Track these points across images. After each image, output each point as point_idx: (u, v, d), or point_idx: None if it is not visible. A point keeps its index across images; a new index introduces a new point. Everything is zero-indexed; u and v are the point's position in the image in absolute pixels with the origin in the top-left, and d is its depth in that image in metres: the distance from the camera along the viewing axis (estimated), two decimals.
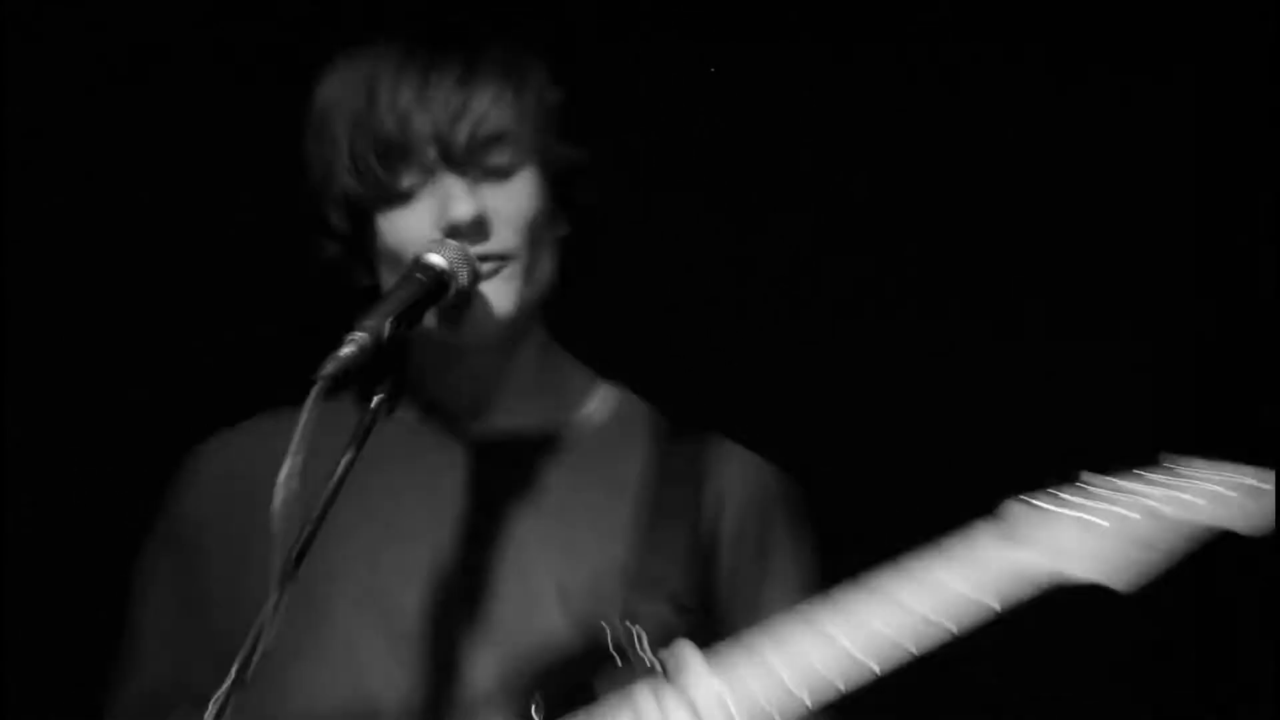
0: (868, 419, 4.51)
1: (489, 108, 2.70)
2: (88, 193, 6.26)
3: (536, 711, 2.69)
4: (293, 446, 2.33)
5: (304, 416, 2.36)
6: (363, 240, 2.80)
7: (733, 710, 2.50)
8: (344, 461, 2.48)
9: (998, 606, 2.54)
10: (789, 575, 2.92)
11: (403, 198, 2.74)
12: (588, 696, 2.66)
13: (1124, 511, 2.50)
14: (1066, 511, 2.53)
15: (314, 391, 2.44)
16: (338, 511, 2.52)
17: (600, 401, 3.04)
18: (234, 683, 2.32)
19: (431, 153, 2.67)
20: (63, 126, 6.20)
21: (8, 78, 6.07)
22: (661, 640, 2.67)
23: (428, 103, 2.68)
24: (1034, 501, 2.62)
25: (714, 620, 2.77)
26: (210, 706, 2.30)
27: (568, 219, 2.87)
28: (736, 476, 2.93)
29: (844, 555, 2.83)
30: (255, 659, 2.33)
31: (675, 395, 3.09)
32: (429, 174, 2.72)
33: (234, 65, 6.09)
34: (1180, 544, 2.52)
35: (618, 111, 3.58)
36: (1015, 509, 2.61)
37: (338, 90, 2.80)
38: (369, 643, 2.74)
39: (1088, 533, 2.50)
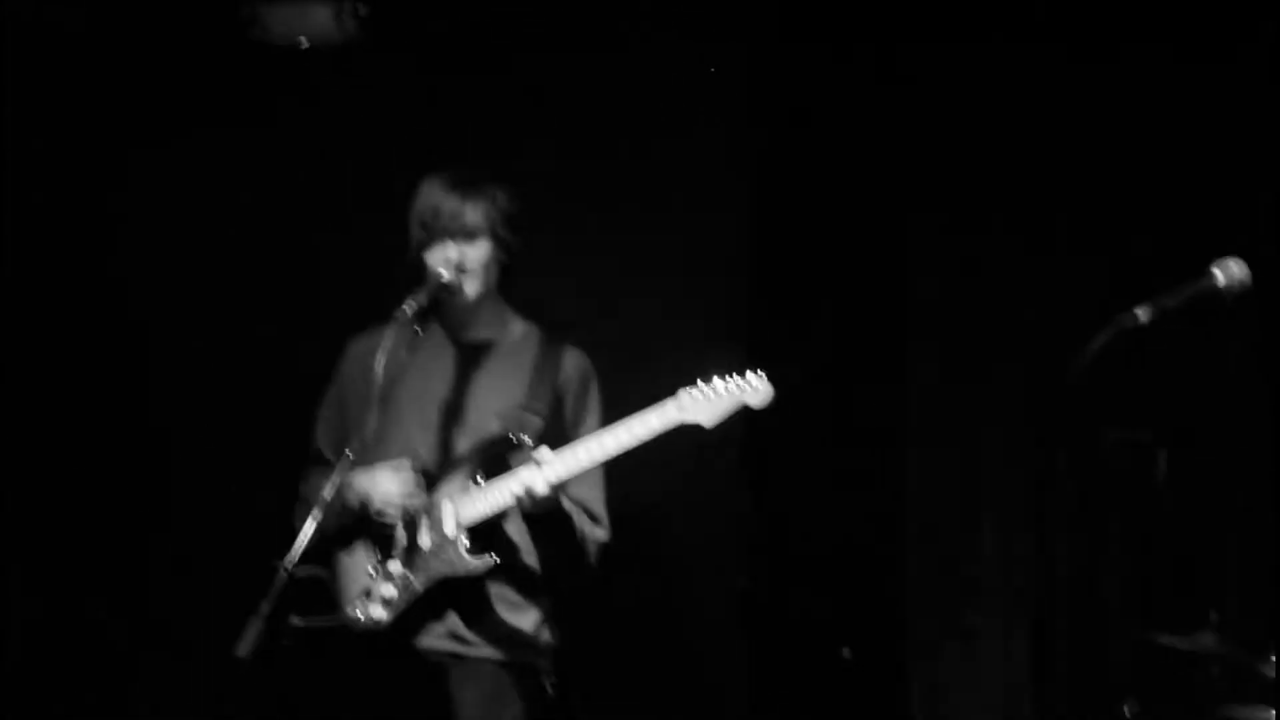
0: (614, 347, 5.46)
1: (470, 212, 4.94)
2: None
3: (479, 477, 4.80)
4: (383, 343, 4.69)
5: (389, 331, 4.73)
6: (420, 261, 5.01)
7: (556, 474, 4.67)
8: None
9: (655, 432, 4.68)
10: (593, 413, 5.00)
11: (430, 245, 4.97)
12: (503, 465, 4.81)
13: (713, 393, 4.64)
14: (695, 393, 4.67)
15: (395, 318, 4.76)
16: (404, 371, 4.84)
17: (520, 327, 5.11)
18: (345, 456, 4.61)
19: (443, 229, 4.95)
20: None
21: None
22: (536, 438, 4.81)
23: (442, 207, 4.97)
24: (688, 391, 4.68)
25: (561, 429, 4.92)
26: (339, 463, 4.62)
27: (506, 257, 5.02)
28: (573, 363, 5.03)
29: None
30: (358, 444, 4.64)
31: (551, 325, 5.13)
32: (444, 238, 4.97)
33: None
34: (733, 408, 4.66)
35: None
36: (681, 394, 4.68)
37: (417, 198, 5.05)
38: (415, 430, 4.96)
39: (698, 403, 4.64)
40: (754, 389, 4.65)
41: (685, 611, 6.25)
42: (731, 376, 4.66)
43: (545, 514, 4.73)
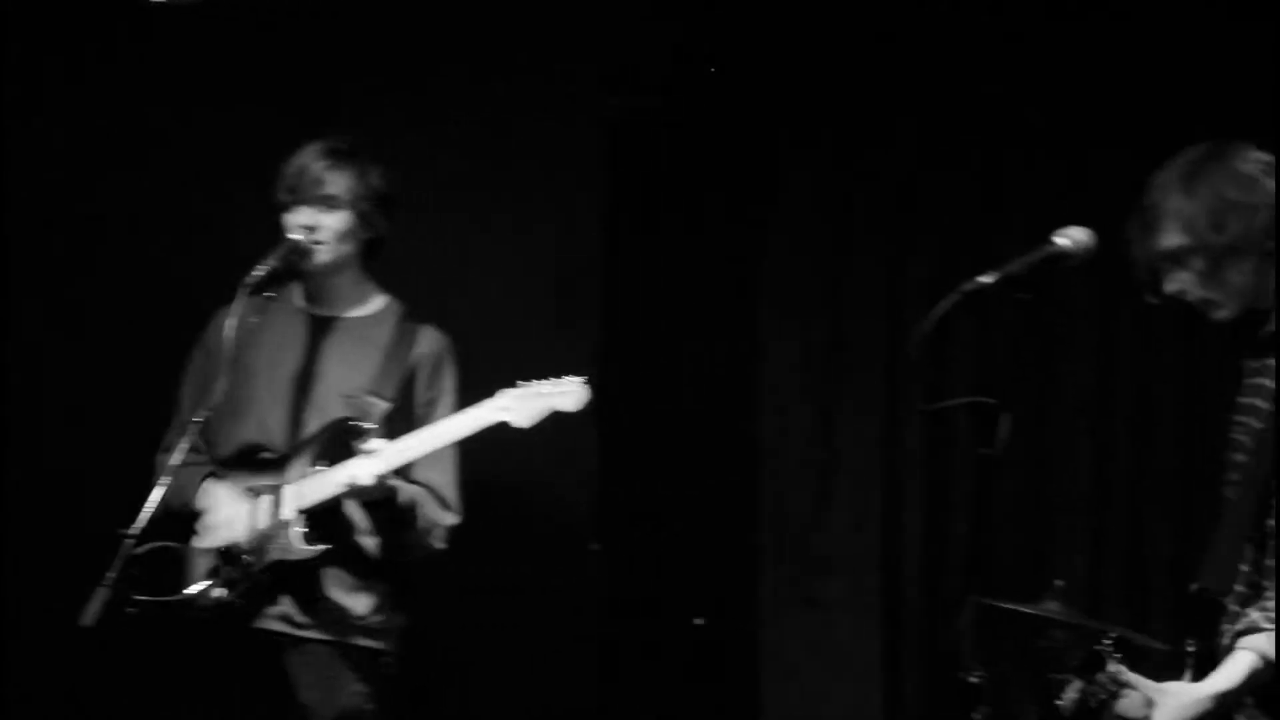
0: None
1: (333, 181, 4.91)
2: None
3: (321, 461, 4.78)
4: (232, 311, 4.68)
5: (239, 296, 4.70)
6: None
7: (382, 465, 4.70)
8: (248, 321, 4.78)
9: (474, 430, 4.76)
10: (447, 393, 5.00)
11: (290, 208, 4.92)
12: (347, 449, 4.77)
13: (531, 395, 4.69)
14: (513, 394, 4.69)
15: (244, 283, 4.72)
16: (259, 339, 4.88)
17: (380, 303, 5.07)
18: (192, 421, 4.66)
19: (304, 193, 4.91)
20: None
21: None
22: (380, 423, 4.79)
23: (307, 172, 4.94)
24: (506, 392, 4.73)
25: (411, 409, 4.93)
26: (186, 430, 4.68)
27: (368, 232, 5.00)
28: (427, 342, 5.00)
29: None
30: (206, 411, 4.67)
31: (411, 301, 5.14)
32: (301, 203, 4.92)
33: None
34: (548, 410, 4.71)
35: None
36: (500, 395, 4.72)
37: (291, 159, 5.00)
38: (266, 401, 4.92)
39: (516, 403, 4.68)
40: (568, 392, 4.68)
41: (537, 582, 6.26)
42: (550, 379, 4.70)
43: (381, 500, 4.75)
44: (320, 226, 4.86)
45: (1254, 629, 3.51)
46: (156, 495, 4.42)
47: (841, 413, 6.76)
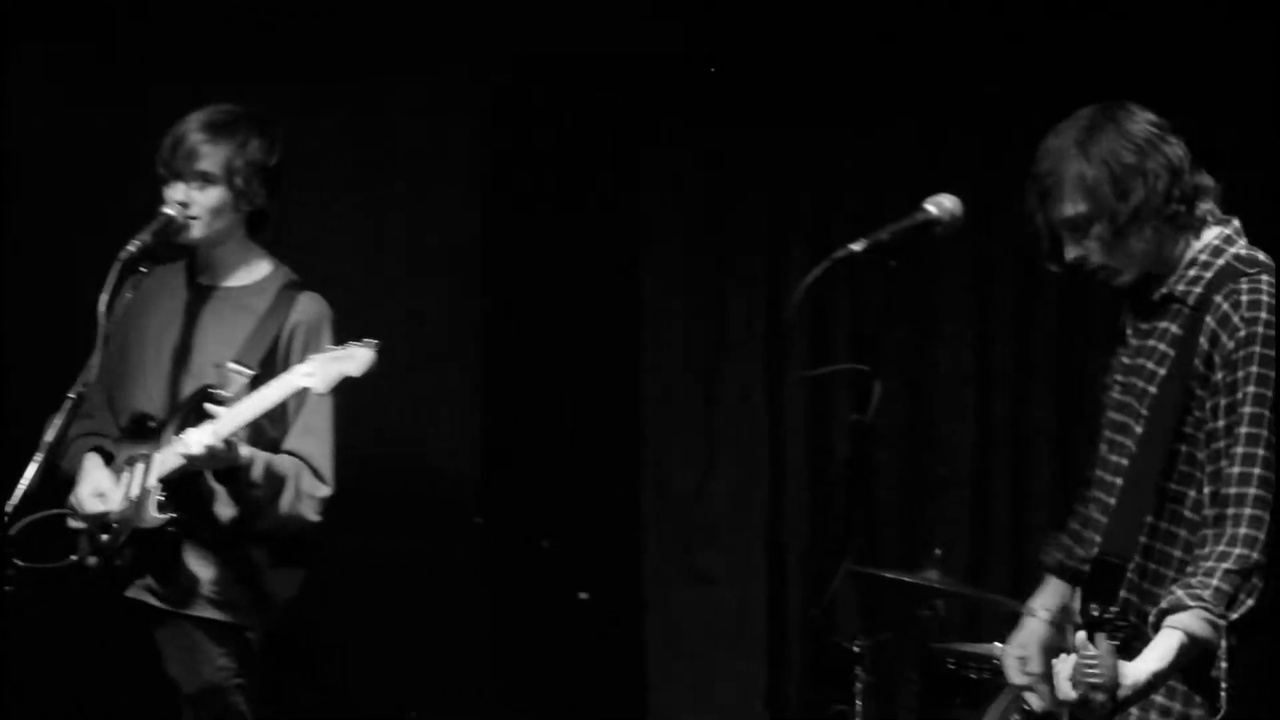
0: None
1: (207, 156, 4.81)
2: None
3: (184, 426, 4.72)
4: (105, 286, 4.53)
5: (113, 269, 4.60)
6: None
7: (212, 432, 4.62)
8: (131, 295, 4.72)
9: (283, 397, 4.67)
10: None
11: (166, 182, 4.83)
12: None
13: (325, 360, 4.64)
14: (314, 359, 4.66)
15: (119, 257, 4.63)
16: (148, 310, 4.89)
17: (264, 269, 5.00)
18: (68, 397, 4.50)
19: (177, 168, 4.82)
20: None
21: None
22: (243, 392, 4.70)
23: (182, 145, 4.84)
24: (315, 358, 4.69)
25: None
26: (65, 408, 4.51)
27: (247, 205, 4.90)
28: (304, 309, 4.91)
29: None
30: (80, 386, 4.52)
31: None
32: (175, 178, 4.84)
33: None
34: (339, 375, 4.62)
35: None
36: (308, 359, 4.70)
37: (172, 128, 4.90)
38: (149, 374, 4.91)
39: (315, 368, 4.64)
40: (353, 356, 4.62)
41: (420, 556, 6.26)
42: (346, 344, 4.65)
43: (229, 471, 4.71)
44: (194, 203, 4.80)
45: (1179, 606, 3.51)
46: (31, 470, 4.40)
47: (723, 385, 6.81)
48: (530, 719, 6.54)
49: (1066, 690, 3.57)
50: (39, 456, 4.39)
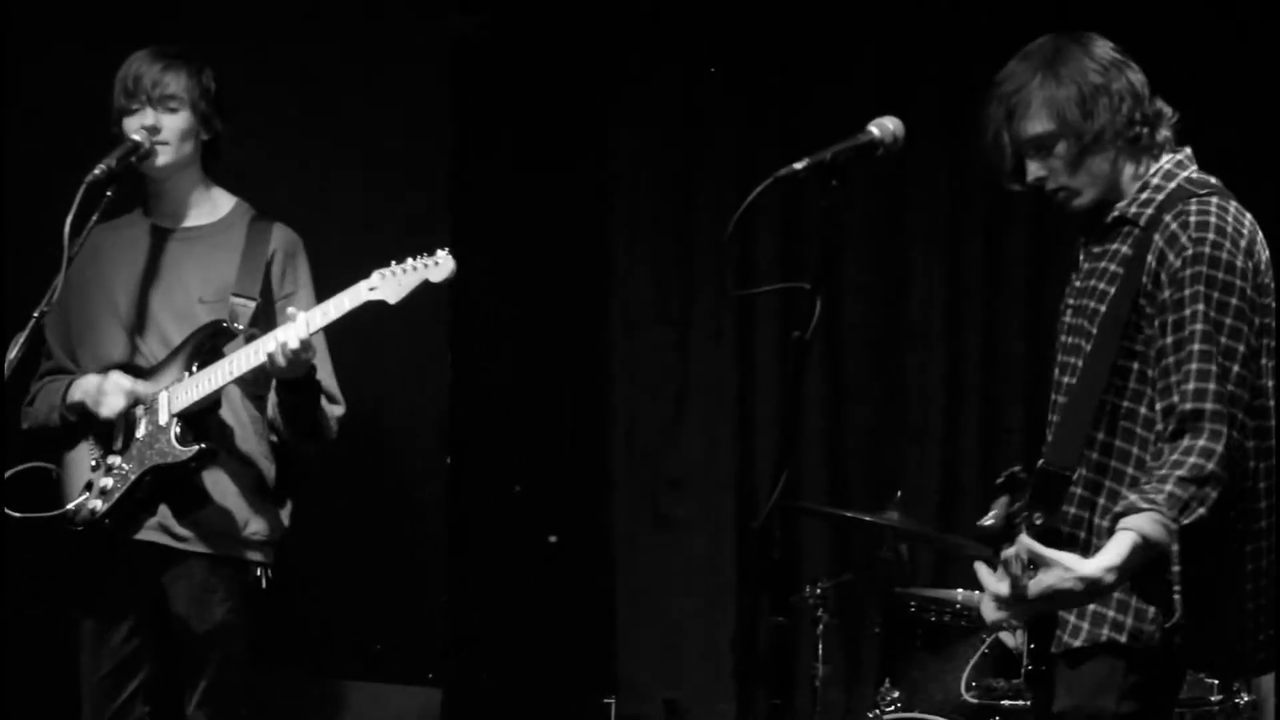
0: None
1: (171, 80, 4.88)
2: None
3: (194, 366, 4.76)
4: (73, 207, 4.60)
5: (78, 194, 4.67)
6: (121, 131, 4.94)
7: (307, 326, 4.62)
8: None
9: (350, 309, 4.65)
10: (304, 286, 5.00)
11: (130, 112, 4.89)
12: (216, 353, 4.79)
13: (400, 271, 4.61)
14: (385, 272, 4.62)
15: (85, 182, 4.69)
16: (103, 268, 4.94)
17: (231, 206, 5.10)
18: (33, 317, 4.57)
19: (143, 95, 4.89)
20: None
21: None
22: (249, 323, 4.81)
23: (144, 74, 4.90)
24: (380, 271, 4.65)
25: (270, 309, 4.91)
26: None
27: (207, 132, 4.99)
28: (280, 237, 5.01)
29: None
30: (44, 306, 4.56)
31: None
32: (142, 104, 4.90)
33: None
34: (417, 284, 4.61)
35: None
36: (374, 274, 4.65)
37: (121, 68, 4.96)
38: (121, 324, 4.92)
39: (387, 280, 4.60)
40: (437, 264, 4.60)
41: (390, 499, 6.30)
42: (421, 255, 4.62)
43: (301, 378, 4.73)
44: (163, 127, 4.86)
45: (1133, 509, 3.52)
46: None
47: (693, 332, 6.86)
48: (497, 662, 6.60)
49: (998, 588, 3.59)
50: (3, 373, 4.45)
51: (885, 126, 3.72)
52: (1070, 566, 3.52)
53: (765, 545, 3.68)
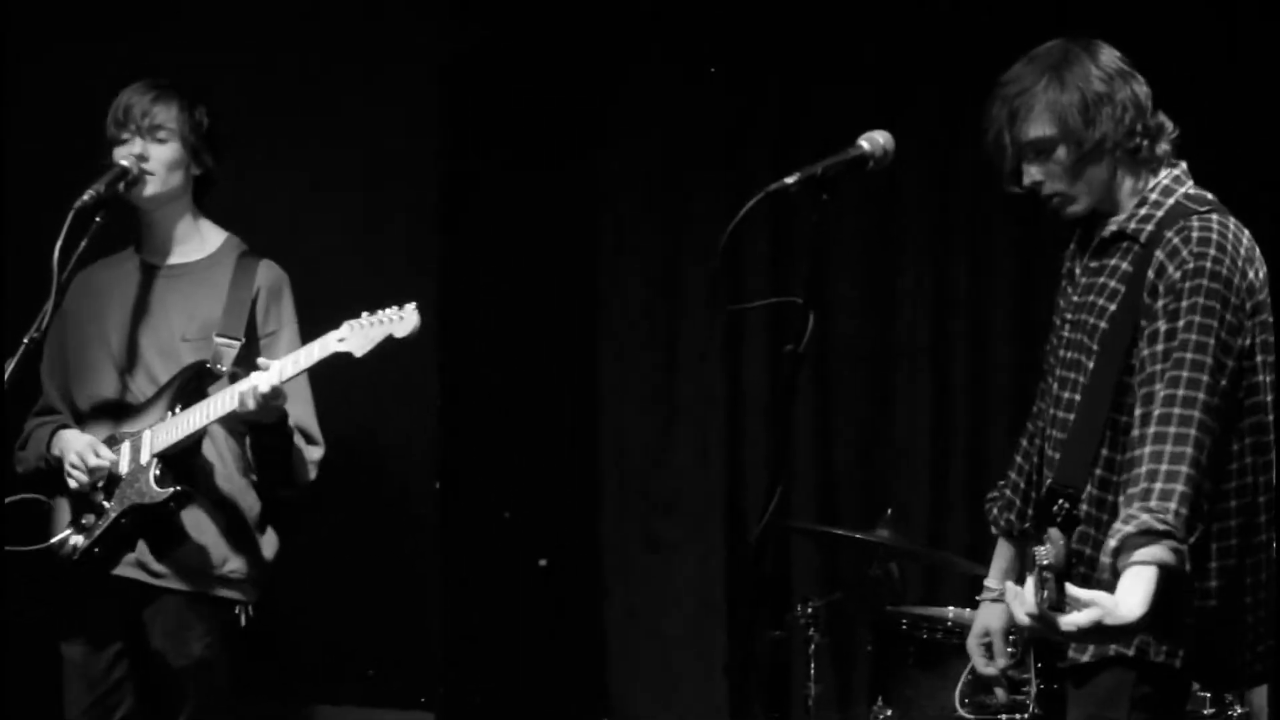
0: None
1: (160, 111, 4.92)
2: None
3: (176, 407, 4.79)
4: (62, 235, 4.59)
5: (67, 220, 4.67)
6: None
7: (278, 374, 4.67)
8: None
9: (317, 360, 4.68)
10: (288, 324, 5.03)
11: (120, 141, 4.91)
12: (200, 393, 4.82)
13: (367, 323, 4.61)
14: (354, 324, 4.62)
15: (74, 208, 4.69)
16: (98, 304, 4.99)
17: (220, 243, 5.12)
18: (22, 342, 4.55)
19: (133, 125, 4.91)
20: None
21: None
22: (233, 364, 4.84)
23: (134, 105, 4.93)
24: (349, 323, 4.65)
25: (253, 348, 4.91)
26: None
27: (197, 167, 5.01)
28: (265, 275, 5.01)
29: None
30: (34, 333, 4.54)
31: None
32: (132, 134, 4.93)
33: None
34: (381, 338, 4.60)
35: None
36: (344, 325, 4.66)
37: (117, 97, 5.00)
38: (112, 361, 4.96)
39: (355, 332, 4.60)
40: (402, 319, 4.59)
41: (380, 522, 6.29)
42: (389, 308, 4.62)
43: (272, 424, 4.79)
44: (151, 157, 4.90)
45: (1146, 531, 3.46)
46: None
47: (682, 351, 6.86)
48: (489, 686, 6.58)
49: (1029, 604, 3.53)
50: None
51: (875, 140, 3.73)
52: (1105, 610, 3.45)
53: (760, 560, 3.67)
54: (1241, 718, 4.97)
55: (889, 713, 5.51)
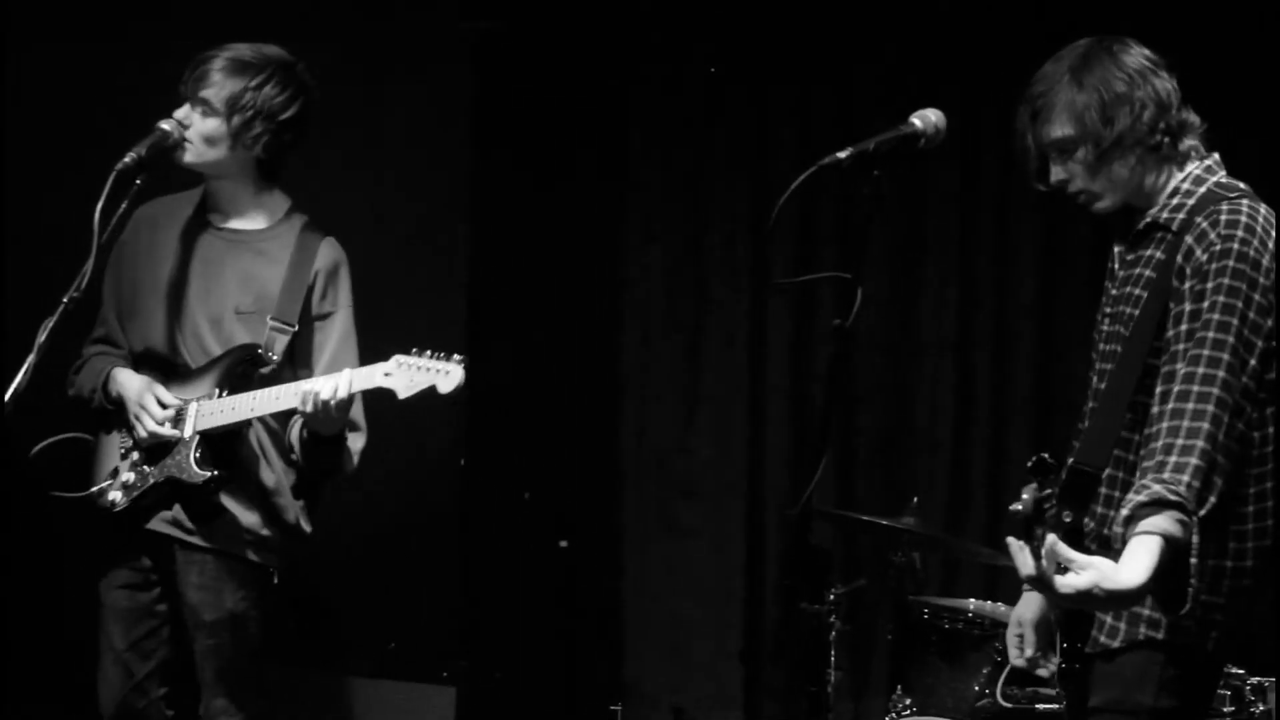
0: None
1: (215, 86, 4.78)
2: None
3: (224, 390, 4.75)
4: (104, 191, 4.54)
5: (110, 179, 4.59)
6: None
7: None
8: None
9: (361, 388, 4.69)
10: (344, 306, 4.94)
11: (180, 101, 4.81)
12: (247, 380, 4.77)
13: (415, 367, 4.58)
14: (403, 361, 4.58)
15: (116, 169, 4.60)
16: (151, 242, 4.94)
17: (284, 214, 5.01)
18: (62, 301, 4.46)
19: (188, 89, 4.81)
20: None
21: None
22: (284, 353, 4.80)
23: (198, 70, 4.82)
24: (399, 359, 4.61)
25: (306, 331, 4.89)
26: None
27: (245, 146, 4.84)
28: (325, 255, 4.93)
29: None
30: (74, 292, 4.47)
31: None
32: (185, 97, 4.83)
33: None
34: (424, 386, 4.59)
35: None
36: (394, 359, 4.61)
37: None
38: (159, 309, 4.89)
39: (402, 370, 4.58)
40: (448, 374, 4.57)
41: (403, 504, 6.31)
42: (438, 356, 4.58)
43: (332, 436, 4.75)
44: (192, 125, 4.81)
45: (1157, 501, 3.48)
46: (23, 371, 4.41)
47: (704, 338, 6.87)
48: (508, 663, 6.60)
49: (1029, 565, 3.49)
50: (31, 358, 4.43)
51: (928, 118, 3.75)
52: (1103, 575, 3.44)
53: (802, 531, 3.68)
54: (1263, 715, 4.97)
55: (908, 701, 5.51)
